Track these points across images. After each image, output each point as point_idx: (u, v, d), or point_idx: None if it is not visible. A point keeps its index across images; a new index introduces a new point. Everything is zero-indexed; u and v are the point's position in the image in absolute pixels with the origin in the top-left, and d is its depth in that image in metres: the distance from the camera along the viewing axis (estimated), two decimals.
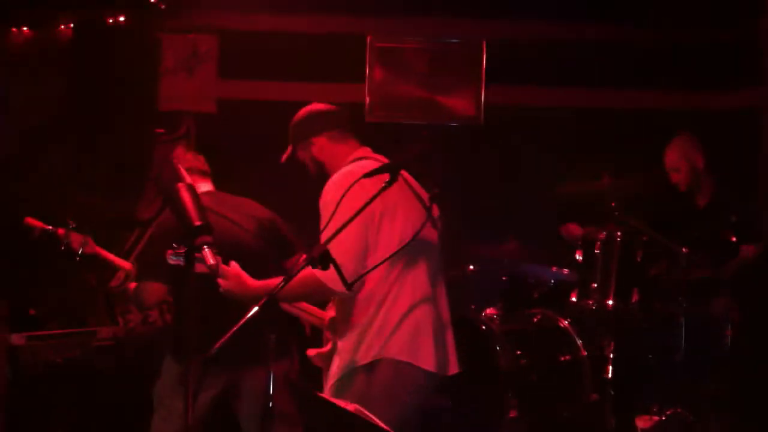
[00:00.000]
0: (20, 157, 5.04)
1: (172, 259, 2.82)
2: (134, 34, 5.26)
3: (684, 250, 3.92)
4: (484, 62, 5.58)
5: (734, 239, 4.21)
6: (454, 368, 3.00)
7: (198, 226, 2.35)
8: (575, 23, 5.47)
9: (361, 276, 2.77)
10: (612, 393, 4.06)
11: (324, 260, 2.56)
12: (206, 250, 2.34)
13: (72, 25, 5.14)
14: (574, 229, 4.51)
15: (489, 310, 4.49)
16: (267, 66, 5.43)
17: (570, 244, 4.51)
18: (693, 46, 5.44)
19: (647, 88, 5.53)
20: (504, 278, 4.73)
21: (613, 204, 4.12)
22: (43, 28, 5.11)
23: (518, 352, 4.24)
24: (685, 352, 3.96)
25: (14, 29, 5.10)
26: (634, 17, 5.37)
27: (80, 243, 3.41)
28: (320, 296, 3.01)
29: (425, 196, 2.98)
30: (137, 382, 3.97)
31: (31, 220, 3.45)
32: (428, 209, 2.90)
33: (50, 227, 3.42)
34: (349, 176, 2.86)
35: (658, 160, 4.61)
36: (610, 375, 4.07)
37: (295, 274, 2.58)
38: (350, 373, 2.88)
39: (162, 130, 5.37)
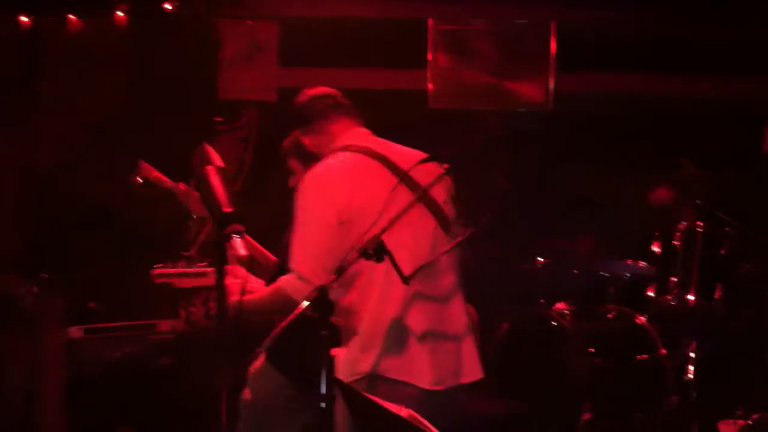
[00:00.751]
0: (84, 155, 4.99)
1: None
2: (192, 21, 5.16)
3: None
4: (554, 46, 5.32)
5: None
6: (469, 376, 2.65)
7: (227, 213, 2.15)
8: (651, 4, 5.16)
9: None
10: (694, 395, 3.79)
11: (379, 252, 2.31)
12: (236, 239, 2.14)
13: (128, 13, 5.07)
14: (665, 195, 4.15)
15: (559, 305, 4.28)
16: (327, 53, 5.26)
17: (660, 209, 4.15)
18: None
19: (733, 74, 5.17)
20: (576, 272, 4.50)
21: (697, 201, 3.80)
22: (99, 18, 5.04)
23: (591, 351, 4.02)
24: None
25: (70, 20, 5.05)
26: None
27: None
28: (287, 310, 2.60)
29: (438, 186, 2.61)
30: (198, 378, 3.85)
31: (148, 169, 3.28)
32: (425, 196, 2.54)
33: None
34: (329, 172, 2.62)
35: (744, 151, 4.33)
36: (691, 376, 3.80)
37: (346, 269, 2.30)
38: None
39: (220, 119, 5.27)
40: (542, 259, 4.52)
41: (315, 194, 2.61)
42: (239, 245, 2.16)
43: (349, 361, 2.55)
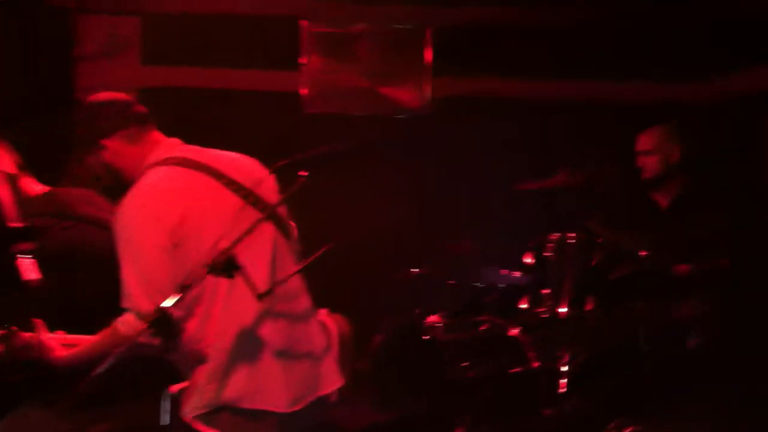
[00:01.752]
0: None
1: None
2: (50, 14, 4.80)
3: (642, 253, 3.58)
4: (431, 50, 5.20)
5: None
6: (328, 386, 2.51)
7: (12, 229, 1.89)
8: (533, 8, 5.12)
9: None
10: (567, 408, 3.71)
11: (229, 268, 2.12)
12: (24, 260, 1.89)
13: None
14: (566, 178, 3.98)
15: (433, 317, 4.14)
16: (195, 51, 5.00)
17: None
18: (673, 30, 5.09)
19: (614, 79, 5.17)
20: (451, 282, 4.39)
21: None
22: None
23: (464, 364, 3.89)
24: (647, 361, 3.63)
25: None
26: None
27: None
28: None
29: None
30: None
31: None
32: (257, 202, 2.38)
33: None
34: (154, 190, 2.36)
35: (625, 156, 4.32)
36: (564, 389, 3.72)
37: (191, 288, 2.12)
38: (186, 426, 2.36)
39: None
40: (416, 270, 4.38)
41: (140, 218, 2.33)
42: (28, 267, 1.90)
43: (197, 392, 2.35)
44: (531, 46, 5.09)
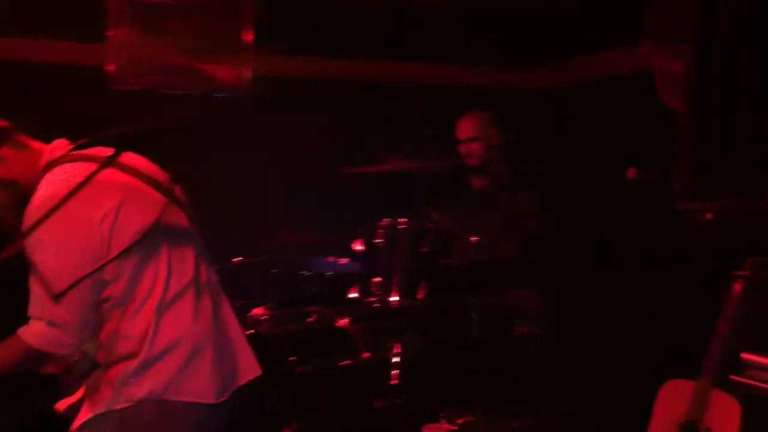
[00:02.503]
0: None
1: None
2: None
3: (473, 238, 3.51)
4: (252, 26, 4.91)
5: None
6: (249, 374, 2.54)
7: None
8: None
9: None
10: (399, 400, 3.59)
11: None
12: None
13: None
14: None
15: (256, 310, 3.90)
16: None
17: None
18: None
19: (445, 62, 5.09)
20: (275, 271, 4.16)
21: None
22: None
23: (292, 358, 3.69)
24: (479, 350, 3.57)
25: None
26: None
27: None
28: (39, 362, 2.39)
29: (163, 178, 2.45)
30: None
31: None
32: (172, 196, 2.39)
33: None
34: (67, 186, 2.21)
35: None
36: (396, 380, 3.59)
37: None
38: (99, 420, 2.31)
39: None
40: (237, 259, 4.12)
41: (57, 217, 2.16)
42: None
43: (115, 388, 2.31)
44: (364, 25, 4.93)
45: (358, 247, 3.85)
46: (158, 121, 2.30)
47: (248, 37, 4.90)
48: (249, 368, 2.54)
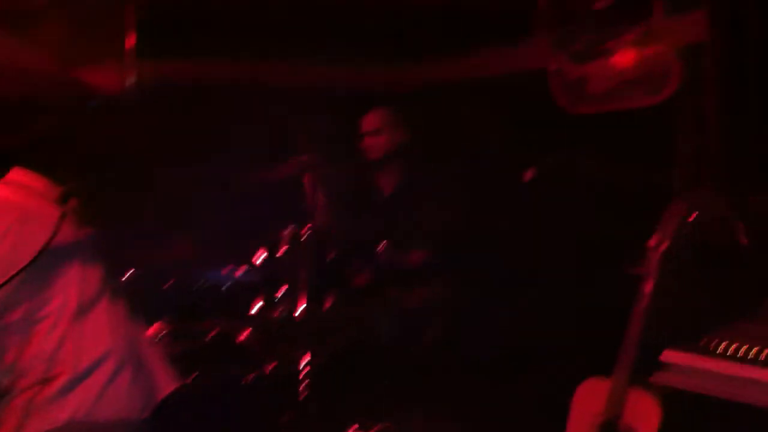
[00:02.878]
0: None
1: None
2: None
3: (381, 244, 3.44)
4: (133, 28, 4.68)
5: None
6: (168, 387, 2.49)
7: None
8: None
9: None
10: (309, 410, 3.48)
11: None
12: None
13: None
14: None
15: (153, 328, 3.70)
16: None
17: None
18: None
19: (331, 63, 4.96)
20: (169, 284, 3.95)
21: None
22: None
23: (193, 375, 3.52)
24: (388, 356, 3.50)
25: None
26: None
27: None
28: None
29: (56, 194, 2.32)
30: None
31: None
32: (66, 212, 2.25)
33: None
34: None
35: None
36: (304, 392, 3.48)
37: None
38: None
39: None
40: (128, 273, 3.89)
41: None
42: None
43: (37, 410, 2.21)
44: (250, 27, 4.77)
45: (261, 256, 3.72)
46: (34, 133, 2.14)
47: (129, 38, 4.67)
48: (167, 382, 2.49)
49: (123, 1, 4.66)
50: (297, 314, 3.47)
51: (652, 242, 3.04)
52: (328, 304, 3.51)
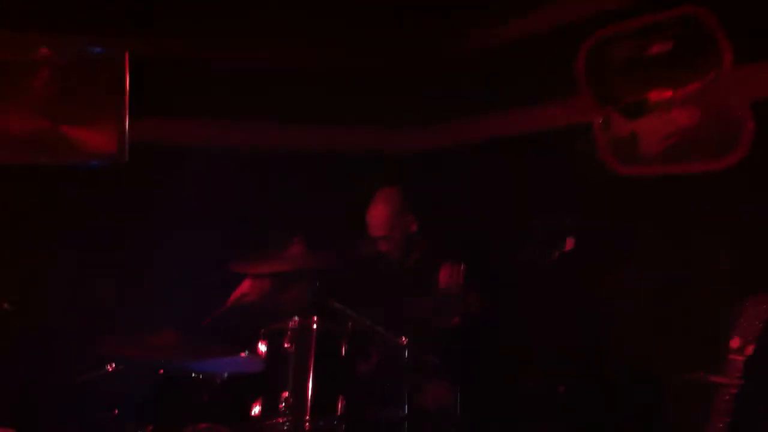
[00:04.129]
0: None
1: None
2: None
3: (404, 339, 2.88)
4: (128, 82, 4.20)
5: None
6: None
7: None
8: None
9: None
10: None
11: None
12: None
13: None
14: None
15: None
16: None
17: None
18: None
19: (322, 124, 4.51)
20: (156, 376, 3.40)
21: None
22: None
23: None
24: None
25: None
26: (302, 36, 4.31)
27: None
28: None
29: None
30: None
31: None
32: None
33: None
34: None
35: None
36: None
37: None
38: None
39: None
40: (109, 366, 3.36)
41: None
42: None
43: None
44: (249, 82, 4.31)
45: (262, 347, 3.17)
46: None
47: (124, 94, 4.21)
48: None
49: (117, 58, 4.21)
50: (306, 426, 2.90)
51: (733, 343, 2.49)
52: (340, 412, 2.94)
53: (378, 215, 3.58)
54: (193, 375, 3.41)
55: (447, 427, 3.25)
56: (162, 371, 3.37)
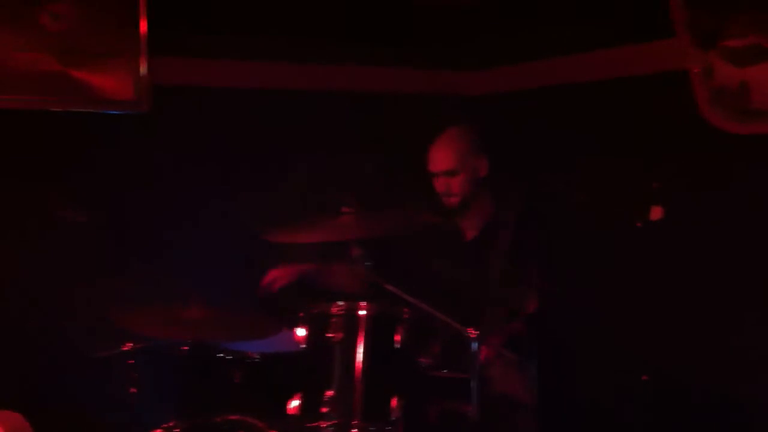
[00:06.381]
0: None
1: None
2: None
3: (472, 332, 2.39)
4: (145, 18, 3.68)
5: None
6: None
7: None
8: None
9: None
10: None
11: None
12: None
13: None
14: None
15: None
16: None
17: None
18: None
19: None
20: (181, 355, 2.99)
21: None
22: None
23: None
24: None
25: None
26: None
27: None
28: None
29: None
30: None
31: None
32: None
33: None
34: None
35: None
36: None
37: None
38: None
39: None
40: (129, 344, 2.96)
41: None
42: None
43: None
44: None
45: (301, 331, 2.71)
46: None
47: (143, 30, 3.74)
48: None
49: None
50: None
51: None
52: (396, 416, 2.47)
53: (445, 147, 3.14)
54: (222, 354, 3.03)
55: (525, 425, 2.85)
56: (187, 348, 3.01)
